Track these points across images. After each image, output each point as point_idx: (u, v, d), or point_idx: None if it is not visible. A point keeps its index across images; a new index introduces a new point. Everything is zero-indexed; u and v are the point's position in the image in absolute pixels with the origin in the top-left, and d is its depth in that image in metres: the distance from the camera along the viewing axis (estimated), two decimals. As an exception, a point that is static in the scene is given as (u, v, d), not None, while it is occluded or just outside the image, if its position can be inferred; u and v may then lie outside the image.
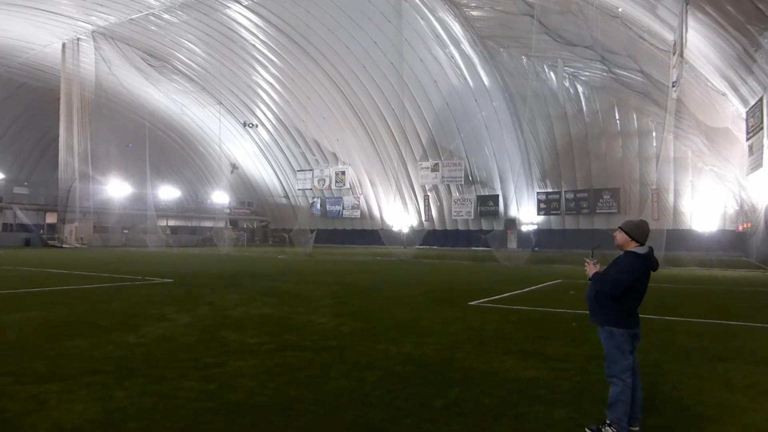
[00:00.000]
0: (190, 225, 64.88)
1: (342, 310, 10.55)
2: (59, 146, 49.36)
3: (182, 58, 50.48)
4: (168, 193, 62.24)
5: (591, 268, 4.35)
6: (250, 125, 40.08)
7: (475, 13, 36.02)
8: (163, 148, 60.71)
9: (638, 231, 4.26)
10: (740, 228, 37.84)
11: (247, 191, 68.49)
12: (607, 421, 4.09)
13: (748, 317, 10.20)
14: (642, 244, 4.23)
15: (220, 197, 64.23)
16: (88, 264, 24.42)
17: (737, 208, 38.56)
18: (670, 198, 40.93)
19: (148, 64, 49.77)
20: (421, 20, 38.86)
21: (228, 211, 64.89)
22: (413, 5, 37.56)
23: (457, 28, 38.48)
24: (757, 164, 19.57)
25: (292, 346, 7.15)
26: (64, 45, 46.94)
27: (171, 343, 7.33)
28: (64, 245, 46.82)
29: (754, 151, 19.91)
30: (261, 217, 70.21)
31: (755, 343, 7.74)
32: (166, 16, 42.44)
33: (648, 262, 4.17)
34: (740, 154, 27.41)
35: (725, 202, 39.74)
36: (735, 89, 21.99)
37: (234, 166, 58.81)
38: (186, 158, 67.01)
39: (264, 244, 64.84)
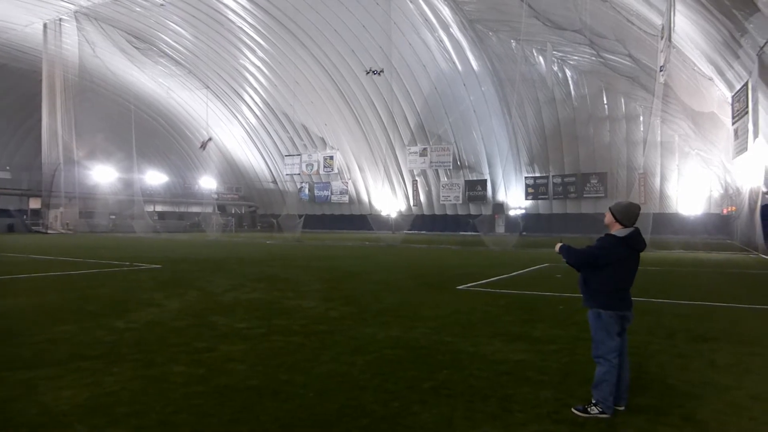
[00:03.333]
0: (177, 210, 64.43)
1: (331, 295, 10.57)
2: (42, 130, 48.58)
3: (168, 40, 49.71)
4: (155, 178, 61.68)
5: (557, 246, 4.54)
6: (375, 72, 38.01)
7: (464, -4, 35.82)
8: (149, 132, 60.06)
9: (624, 214, 4.32)
10: (725, 211, 38.32)
11: (235, 176, 68.06)
12: (593, 401, 4.15)
13: (731, 299, 10.38)
14: (627, 227, 4.28)
15: (207, 182, 63.79)
16: (75, 250, 24.21)
17: (722, 191, 39.02)
18: (657, 182, 41.31)
19: (134, 47, 48.95)
20: (410, 3, 38.55)
21: (216, 196, 64.52)
22: (402, -12, 37.25)
23: (446, 12, 38.22)
24: (742, 148, 19.75)
25: (282, 331, 7.17)
26: (45, 25, 45.98)
27: (161, 328, 7.31)
28: (48, 231, 46.36)
29: (739, 136, 20.08)
30: (249, 203, 69.88)
31: (738, 324, 7.88)
32: (151, -3, 41.73)
33: (630, 242, 4.23)
34: (725, 139, 27.63)
35: (711, 186, 40.21)
36: (721, 74, 22.10)
37: (203, 144, 56.90)
38: (173, 143, 66.35)
39: (252, 229, 64.64)
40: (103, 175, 53.80)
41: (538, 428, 3.90)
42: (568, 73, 40.48)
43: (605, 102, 41.58)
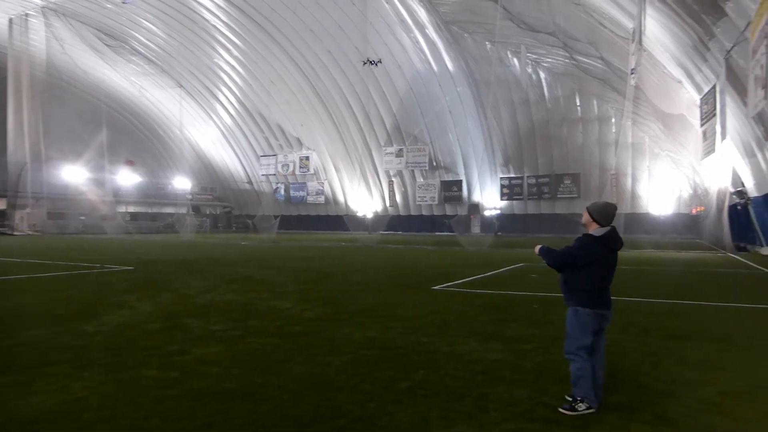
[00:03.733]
0: (150, 211, 63.31)
1: (307, 296, 10.50)
2: (8, 128, 47.21)
3: (140, 38, 48.91)
4: (127, 178, 60.50)
5: (536, 249, 4.61)
6: (372, 63, 37.28)
7: (440, -3, 36.01)
8: (121, 131, 58.87)
9: (600, 213, 4.38)
10: (694, 211, 39.24)
11: (210, 177, 67.24)
12: (578, 398, 4.19)
13: (700, 297, 10.61)
14: (604, 226, 4.34)
15: (182, 183, 62.86)
16: (43, 252, 23.61)
17: (691, 192, 39.94)
18: (629, 182, 42.11)
19: (104, 44, 47.98)
20: (386, 4, 38.59)
21: (190, 197, 63.65)
22: (378, -12, 37.25)
23: (422, 13, 38.37)
24: (710, 150, 20.28)
25: (257, 332, 7.09)
26: (11, 20, 44.72)
27: (132, 331, 7.17)
28: (15, 232, 45.11)
29: (708, 137, 20.61)
30: (224, 203, 69.12)
31: (707, 322, 8.06)
32: (123, -6, 41.00)
33: (606, 242, 4.29)
34: (694, 140, 28.30)
35: (680, 187, 41.11)
36: (690, 77, 22.63)
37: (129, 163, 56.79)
38: (146, 142, 65.19)
39: (227, 230, 63.93)
40: (72, 175, 52.54)
41: (513, 426, 3.92)
42: (542, 75, 41.00)
43: (578, 104, 42.21)
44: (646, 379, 5.10)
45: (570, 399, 4.26)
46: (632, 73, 20.27)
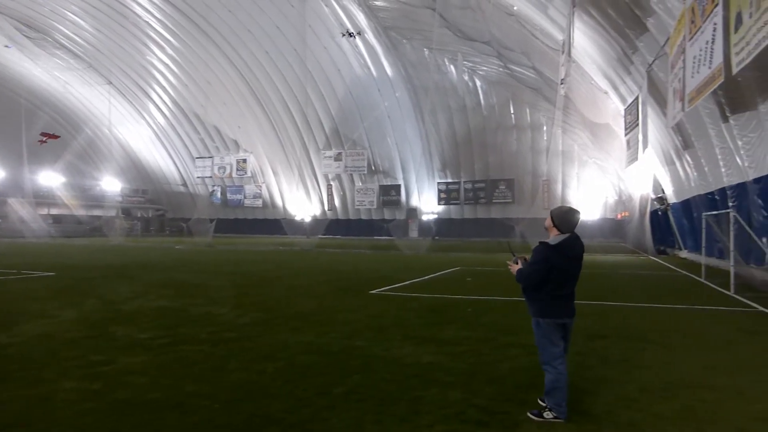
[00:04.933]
0: (76, 214, 60.06)
1: (242, 301, 10.29)
2: None
3: (65, 31, 46.41)
4: (50, 178, 57.12)
5: (513, 268, 4.47)
6: (351, 34, 35.30)
7: (378, 3, 36.17)
8: (44, 129, 55.60)
9: (561, 219, 4.29)
10: (619, 216, 41.28)
11: (142, 178, 64.61)
12: (548, 406, 4.21)
13: (623, 298, 11.16)
14: (563, 233, 4.27)
15: (111, 184, 60.05)
16: (-47, 257, 21.95)
17: (616, 198, 41.99)
18: (559, 188, 43.78)
19: (24, 36, 45.20)
20: (325, 7, 38.43)
21: (120, 198, 60.91)
22: (317, -9, 37.04)
23: (361, 18, 38.47)
24: (633, 158, 21.34)
25: (188, 340, 6.87)
26: None
27: (51, 341, 6.78)
28: None
29: (631, 146, 21.69)
30: (157, 206, 66.60)
31: (629, 321, 8.49)
32: (46, -17, 38.84)
33: (563, 250, 4.20)
34: (619, 149, 29.73)
35: (606, 193, 43.12)
36: (615, 88, 23.80)
37: (44, 138, 52.78)
38: (71, 141, 61.83)
39: (160, 234, 61.69)
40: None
41: (445, 428, 3.98)
42: (478, 82, 42.00)
43: (512, 111, 43.51)
44: (572, 379, 5.28)
45: (542, 404, 4.30)
46: (562, 83, 21.11)
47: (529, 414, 4.23)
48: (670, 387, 5.02)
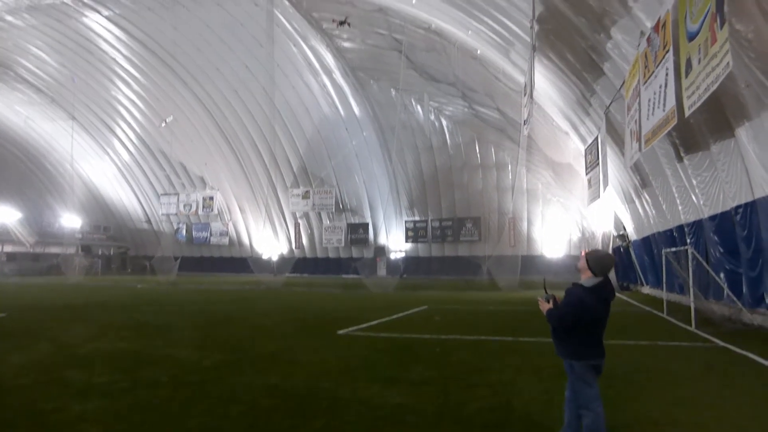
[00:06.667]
0: (32, 251, 57.96)
1: (205, 342, 10.01)
2: None
3: (28, 65, 45.75)
4: (6, 214, 55.12)
5: (544, 306, 4.46)
6: (342, 23, 34.44)
7: (346, 44, 36.94)
8: (1, 164, 54.14)
9: (596, 263, 4.35)
10: (583, 253, 41.97)
11: (104, 215, 63.03)
12: None
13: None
14: (597, 276, 4.31)
15: (70, 220, 58.35)
16: None
17: (580, 235, 42.86)
18: (524, 226, 44.49)
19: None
20: (293, 47, 38.98)
21: (80, 235, 59.16)
22: (285, 32, 37.57)
23: (329, 58, 39.11)
24: (594, 196, 21.91)
25: (149, 384, 6.62)
26: None
27: (-1, 388, 6.44)
28: None
29: (592, 185, 22.30)
30: (119, 243, 64.83)
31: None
32: (9, 18, 38.31)
33: (598, 292, 4.25)
34: (581, 187, 30.57)
35: (570, 230, 44.00)
36: (575, 129, 24.65)
37: None
38: (30, 176, 60.19)
39: (122, 272, 59.95)
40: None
41: (413, 473, 3.89)
42: (444, 122, 42.86)
43: (478, 151, 44.37)
44: (538, 418, 5.28)
45: None
46: (525, 124, 21.73)
47: None
48: (636, 423, 5.06)
